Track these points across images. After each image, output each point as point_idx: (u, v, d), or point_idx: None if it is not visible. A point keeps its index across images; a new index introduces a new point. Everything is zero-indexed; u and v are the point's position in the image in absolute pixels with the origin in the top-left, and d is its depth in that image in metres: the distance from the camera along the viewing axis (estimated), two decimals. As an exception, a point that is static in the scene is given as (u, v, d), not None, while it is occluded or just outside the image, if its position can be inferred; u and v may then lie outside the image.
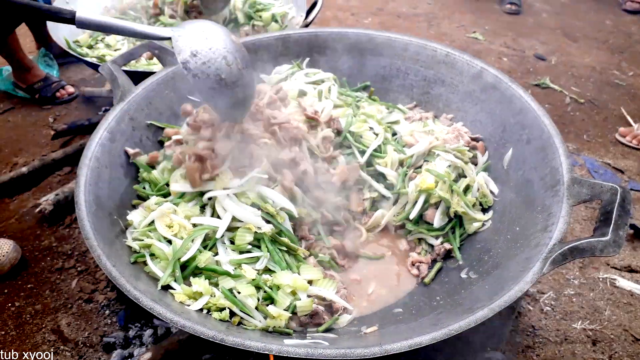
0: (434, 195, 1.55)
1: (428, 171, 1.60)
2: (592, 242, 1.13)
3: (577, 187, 1.31)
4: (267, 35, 1.98)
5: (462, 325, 1.04)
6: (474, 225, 1.58)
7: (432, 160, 1.67)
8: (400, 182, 1.65)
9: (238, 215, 1.36)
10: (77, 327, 1.76)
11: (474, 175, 1.65)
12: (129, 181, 1.61)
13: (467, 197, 1.58)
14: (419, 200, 1.58)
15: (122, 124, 1.59)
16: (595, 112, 3.02)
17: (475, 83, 1.79)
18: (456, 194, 1.56)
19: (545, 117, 1.53)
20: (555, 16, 4.24)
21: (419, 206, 1.58)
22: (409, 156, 1.69)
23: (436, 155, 1.67)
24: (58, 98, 2.86)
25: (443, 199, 1.54)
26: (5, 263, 1.89)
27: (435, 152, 1.68)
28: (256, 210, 1.37)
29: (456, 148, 1.69)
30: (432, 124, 1.82)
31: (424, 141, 1.70)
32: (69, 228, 2.13)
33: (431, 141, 1.70)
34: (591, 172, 2.51)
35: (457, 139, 1.74)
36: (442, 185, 1.57)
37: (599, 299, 1.89)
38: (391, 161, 1.68)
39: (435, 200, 1.57)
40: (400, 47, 1.93)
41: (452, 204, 1.54)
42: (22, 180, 2.32)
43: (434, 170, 1.60)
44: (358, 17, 4.09)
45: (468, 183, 1.60)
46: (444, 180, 1.57)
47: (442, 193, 1.54)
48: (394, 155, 1.69)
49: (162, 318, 1.06)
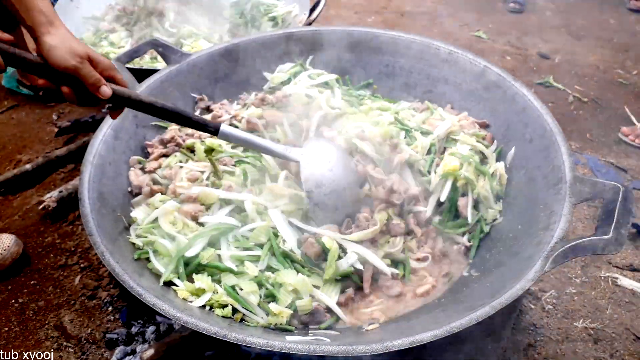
0: (460, 177, 1.51)
1: (452, 154, 1.57)
2: (594, 240, 1.13)
3: (580, 185, 1.31)
4: (270, 33, 1.98)
5: (463, 322, 1.04)
6: (490, 213, 1.53)
7: (452, 146, 1.63)
8: (427, 167, 1.57)
9: (280, 229, 1.36)
10: (80, 323, 1.77)
11: (494, 159, 1.63)
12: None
13: (493, 183, 1.55)
14: (445, 185, 1.52)
15: (125, 121, 1.60)
16: (599, 111, 3.02)
17: (478, 81, 1.78)
18: (484, 175, 1.54)
19: (548, 115, 1.53)
20: (560, 15, 4.23)
21: (447, 191, 1.51)
22: (436, 138, 1.62)
23: (455, 141, 1.64)
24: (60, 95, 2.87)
25: (468, 180, 1.50)
26: (7, 257, 1.90)
27: (454, 137, 1.65)
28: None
29: (474, 133, 1.67)
30: (442, 112, 1.80)
31: (444, 123, 1.66)
32: (72, 225, 2.14)
33: (453, 122, 1.66)
34: (594, 171, 2.50)
35: (473, 124, 1.72)
36: (466, 167, 1.53)
37: (600, 298, 1.89)
38: (422, 146, 1.60)
39: (462, 184, 1.52)
40: (404, 46, 1.93)
41: (478, 187, 1.51)
42: (26, 177, 2.34)
43: (458, 152, 1.57)
44: (361, 15, 4.09)
45: (494, 170, 1.58)
46: (469, 162, 1.54)
47: (468, 174, 1.51)
48: (423, 140, 1.61)
49: (165, 314, 1.07)
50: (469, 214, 1.51)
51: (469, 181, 1.50)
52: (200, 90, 1.87)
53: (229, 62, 1.91)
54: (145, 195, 1.51)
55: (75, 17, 2.70)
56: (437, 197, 1.53)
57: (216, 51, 1.88)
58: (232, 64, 1.92)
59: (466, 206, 1.51)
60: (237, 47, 1.92)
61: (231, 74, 1.94)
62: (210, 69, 1.88)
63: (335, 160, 1.43)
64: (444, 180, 1.53)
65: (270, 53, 1.98)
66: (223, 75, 1.92)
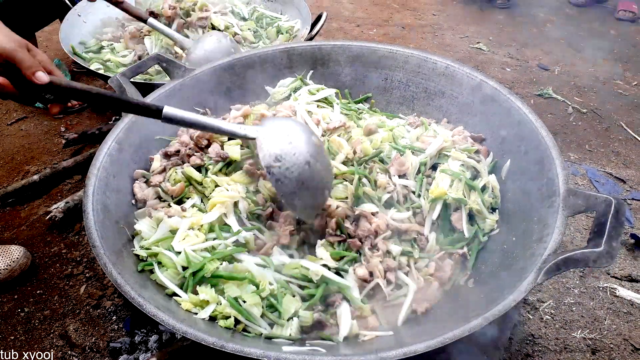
0: (448, 199, 1.52)
1: (443, 172, 1.58)
2: (586, 253, 1.15)
3: (573, 198, 1.33)
4: (272, 47, 2.02)
5: (457, 333, 1.07)
6: (488, 223, 1.55)
7: (444, 162, 1.64)
8: (418, 189, 1.59)
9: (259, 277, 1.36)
10: (84, 332, 1.80)
11: (487, 174, 1.64)
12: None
13: (485, 196, 1.57)
14: (435, 209, 1.54)
15: (130, 135, 1.64)
16: (598, 122, 3.04)
17: (474, 95, 1.82)
18: (474, 190, 1.55)
19: (543, 129, 1.55)
20: (560, 27, 4.27)
21: (436, 214, 1.53)
22: (426, 157, 1.64)
23: (447, 157, 1.65)
24: (69, 107, 2.93)
25: (458, 200, 1.51)
26: (16, 269, 1.94)
27: (446, 153, 1.66)
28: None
29: (466, 148, 1.68)
30: (435, 127, 1.82)
31: (436, 141, 1.67)
32: (78, 235, 2.18)
33: (445, 139, 1.67)
34: (593, 181, 2.53)
35: (465, 139, 1.74)
36: (457, 184, 1.55)
37: (599, 308, 1.91)
38: (412, 165, 1.61)
39: (454, 204, 1.54)
40: (402, 60, 1.97)
41: (469, 203, 1.52)
42: (34, 187, 2.38)
43: (449, 169, 1.58)
44: (363, 28, 4.14)
45: (485, 183, 1.59)
46: (460, 179, 1.55)
47: (456, 195, 1.51)
48: (413, 159, 1.62)
49: (165, 325, 1.10)
50: (465, 229, 1.53)
51: (460, 200, 1.52)
52: (204, 104, 1.92)
53: (231, 76, 1.96)
54: (149, 207, 1.54)
55: (83, 31, 2.76)
56: (430, 218, 1.54)
57: (219, 66, 1.92)
58: (235, 78, 1.97)
59: (460, 220, 1.53)
60: (240, 62, 1.97)
61: (234, 88, 1.98)
62: (214, 83, 1.92)
63: (295, 133, 1.34)
64: (434, 204, 1.55)
65: (272, 67, 2.03)
66: (226, 89, 1.96)
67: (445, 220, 1.55)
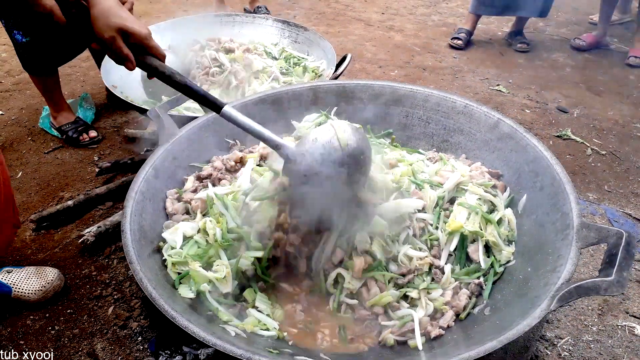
0: (465, 232, 1.58)
1: (460, 205, 1.64)
2: (597, 281, 1.20)
3: (586, 231, 1.38)
4: (299, 85, 2.15)
5: (472, 355, 1.11)
6: (504, 255, 1.59)
7: (462, 196, 1.70)
8: (435, 222, 1.64)
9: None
10: (111, 351, 1.86)
11: (503, 208, 1.70)
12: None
13: (501, 229, 1.62)
14: (453, 241, 1.60)
15: (165, 162, 1.76)
16: (617, 164, 3.07)
17: (492, 132, 1.90)
18: (490, 224, 1.61)
19: (558, 165, 1.62)
20: (579, 71, 4.35)
21: (453, 246, 1.59)
22: (444, 191, 1.69)
23: (465, 191, 1.71)
24: (81, 141, 3.08)
25: (475, 233, 1.57)
26: (50, 290, 2.03)
27: (464, 187, 1.72)
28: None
29: (483, 183, 1.75)
30: (454, 162, 1.89)
31: (454, 175, 1.73)
32: (108, 259, 2.27)
33: (462, 174, 1.74)
34: (611, 221, 2.55)
35: (482, 174, 1.80)
36: (474, 217, 1.61)
37: (617, 346, 1.91)
38: (430, 199, 1.67)
39: (471, 237, 1.60)
40: (422, 98, 2.07)
41: (486, 235, 1.57)
42: (67, 213, 2.49)
43: (466, 202, 1.64)
44: (385, 69, 4.29)
45: (501, 216, 1.65)
46: (477, 212, 1.61)
47: (472, 227, 1.57)
48: (431, 193, 1.68)
49: (195, 336, 1.17)
50: (481, 260, 1.58)
51: (477, 233, 1.58)
52: (234, 136, 2.04)
53: (261, 110, 2.08)
54: (175, 220, 1.65)
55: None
56: (447, 250, 1.61)
57: (250, 101, 2.05)
58: (265, 112, 2.09)
59: (476, 252, 1.59)
60: (270, 97, 2.10)
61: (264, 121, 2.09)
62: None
63: (328, 154, 1.36)
64: (452, 236, 1.61)
65: (299, 103, 2.15)
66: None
67: (462, 252, 1.60)
